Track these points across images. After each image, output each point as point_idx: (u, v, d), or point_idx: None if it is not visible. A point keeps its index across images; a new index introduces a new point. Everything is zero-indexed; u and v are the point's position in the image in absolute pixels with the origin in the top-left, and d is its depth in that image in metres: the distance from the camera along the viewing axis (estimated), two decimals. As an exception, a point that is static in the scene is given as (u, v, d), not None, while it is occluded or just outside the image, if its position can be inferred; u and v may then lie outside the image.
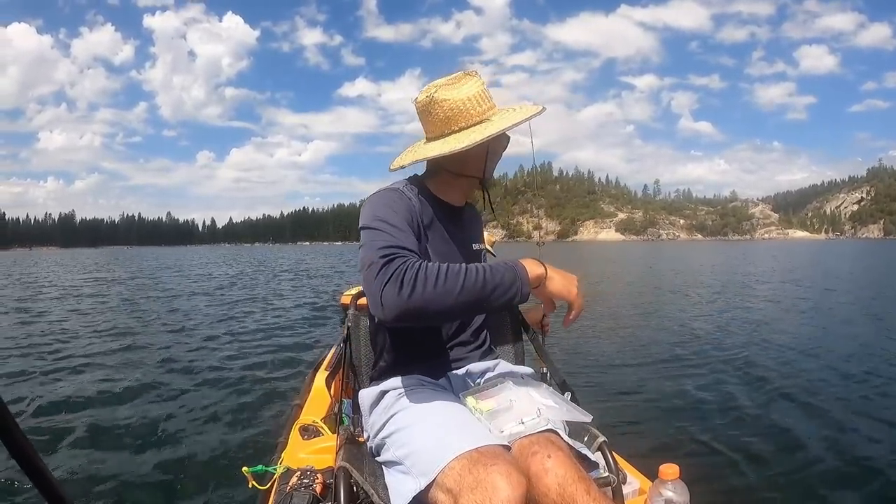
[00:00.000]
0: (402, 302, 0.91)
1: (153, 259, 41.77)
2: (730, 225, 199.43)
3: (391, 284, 0.91)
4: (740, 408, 3.37)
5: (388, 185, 1.19)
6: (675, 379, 4.12)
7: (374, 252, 0.97)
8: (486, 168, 1.22)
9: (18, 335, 6.44)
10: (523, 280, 1.00)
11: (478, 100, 1.14)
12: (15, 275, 21.73)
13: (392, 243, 0.98)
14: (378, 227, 1.03)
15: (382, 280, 0.92)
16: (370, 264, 0.96)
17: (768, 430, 2.98)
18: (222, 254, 61.51)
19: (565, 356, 4.70)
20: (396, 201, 1.10)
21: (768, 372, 4.24)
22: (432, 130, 1.17)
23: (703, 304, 9.18)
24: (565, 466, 0.94)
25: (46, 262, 40.16)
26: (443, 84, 1.14)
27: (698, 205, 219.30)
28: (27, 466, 0.34)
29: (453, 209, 1.26)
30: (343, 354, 1.62)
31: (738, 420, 3.17)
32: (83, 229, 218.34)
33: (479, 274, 0.96)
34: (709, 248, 65.13)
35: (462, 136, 1.12)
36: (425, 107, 1.16)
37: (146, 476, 2.47)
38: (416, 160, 1.18)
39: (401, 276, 0.91)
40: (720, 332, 6.23)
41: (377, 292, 0.92)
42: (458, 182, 1.23)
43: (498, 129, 1.10)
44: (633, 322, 7.19)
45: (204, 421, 3.19)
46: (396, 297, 0.91)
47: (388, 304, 0.91)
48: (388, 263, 0.94)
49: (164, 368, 4.59)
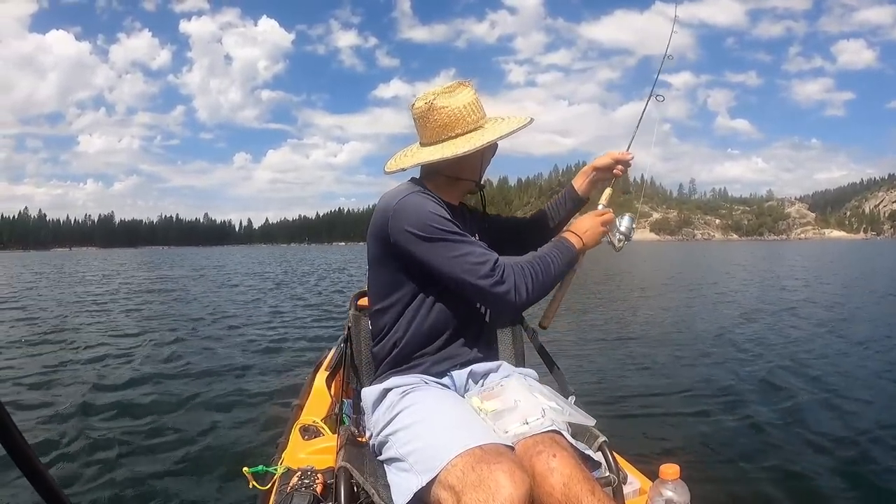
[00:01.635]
0: (526, 303, 1.16)
1: (179, 258, 41.61)
2: (765, 225, 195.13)
3: (520, 290, 1.13)
4: (741, 408, 3.37)
5: (406, 190, 1.20)
6: (676, 379, 4.12)
7: (474, 266, 1.12)
8: (480, 171, 1.30)
9: (11, 336, 6.43)
10: (574, 251, 1.28)
11: (472, 108, 1.22)
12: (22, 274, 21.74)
13: (482, 254, 1.14)
14: (449, 237, 1.13)
15: (511, 288, 1.13)
16: (484, 276, 1.12)
17: (769, 431, 2.98)
18: (256, 254, 61.27)
19: (566, 356, 4.70)
20: (436, 206, 1.16)
21: (769, 372, 4.24)
22: (429, 136, 1.23)
23: (706, 304, 9.18)
24: (570, 466, 0.94)
25: (66, 260, 40.15)
26: (440, 92, 1.21)
27: (734, 204, 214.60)
28: (25, 467, 0.34)
29: (454, 209, 1.29)
30: (343, 354, 1.62)
31: (739, 420, 3.17)
32: (122, 230, 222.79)
33: (560, 259, 1.23)
34: (739, 247, 64.13)
35: (461, 142, 1.19)
36: (423, 113, 1.22)
37: (146, 476, 2.46)
38: (420, 163, 1.22)
39: (515, 284, 1.13)
40: (721, 333, 6.23)
41: (505, 301, 1.13)
42: (453, 185, 1.29)
43: (496, 136, 1.19)
44: (634, 322, 7.19)
45: (204, 421, 3.18)
46: (524, 301, 1.15)
47: (521, 303, 1.15)
48: (500, 275, 1.12)
49: (164, 368, 4.58)
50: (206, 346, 5.63)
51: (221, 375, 4.30)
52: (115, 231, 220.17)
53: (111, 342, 5.94)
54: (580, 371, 4.29)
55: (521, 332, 1.60)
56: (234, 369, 4.51)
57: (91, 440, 2.87)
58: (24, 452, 0.33)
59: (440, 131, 1.21)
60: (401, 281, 1.18)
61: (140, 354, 5.19)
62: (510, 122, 1.24)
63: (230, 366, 4.65)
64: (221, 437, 2.93)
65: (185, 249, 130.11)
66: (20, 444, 0.33)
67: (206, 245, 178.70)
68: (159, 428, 3.08)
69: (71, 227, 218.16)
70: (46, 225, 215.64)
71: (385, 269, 1.20)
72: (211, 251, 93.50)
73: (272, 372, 4.42)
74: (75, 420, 3.19)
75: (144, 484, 2.40)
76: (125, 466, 2.56)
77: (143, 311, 8.84)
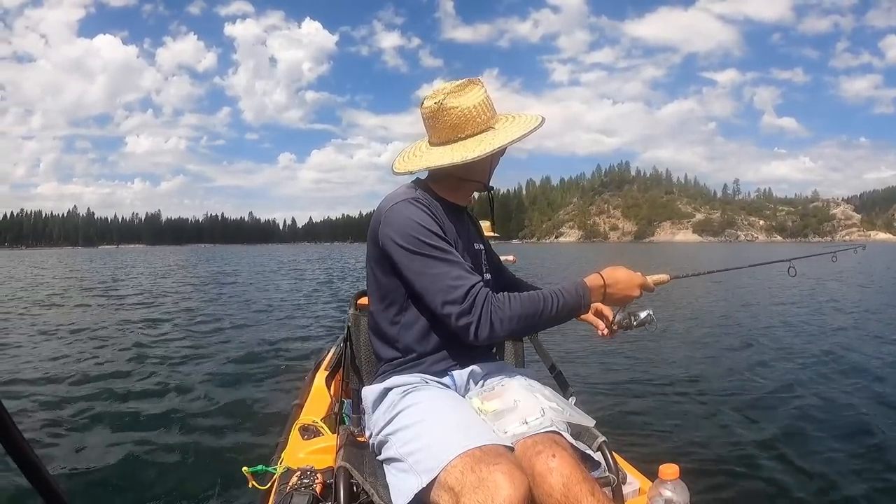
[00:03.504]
0: (496, 336, 1.08)
1: (221, 255, 41.30)
2: (810, 226, 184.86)
3: (483, 325, 1.06)
4: (741, 408, 3.37)
5: (401, 196, 1.18)
6: (676, 378, 4.12)
7: (445, 288, 1.07)
8: (489, 173, 1.27)
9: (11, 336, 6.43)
10: (587, 299, 1.16)
11: (483, 108, 1.18)
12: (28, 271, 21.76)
13: (457, 277, 1.08)
14: (429, 253, 1.09)
15: (474, 321, 1.06)
16: (451, 302, 1.07)
17: (769, 430, 2.98)
18: (296, 251, 60.96)
19: (566, 355, 4.70)
20: (426, 218, 1.13)
21: (769, 372, 4.24)
22: (439, 136, 1.20)
23: (708, 305, 9.18)
24: (570, 466, 0.94)
25: (100, 258, 40.17)
26: (451, 91, 1.17)
27: (778, 205, 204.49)
28: (25, 466, 0.34)
29: (460, 209, 1.29)
30: (343, 354, 1.62)
31: (739, 420, 3.16)
32: (168, 228, 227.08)
33: (553, 303, 1.11)
34: (778, 249, 62.87)
35: (471, 144, 1.16)
36: (433, 113, 1.18)
37: (145, 476, 2.46)
38: (429, 167, 1.19)
39: (489, 316, 1.06)
40: (722, 333, 6.23)
41: (467, 333, 1.07)
42: (461, 186, 1.27)
43: (508, 139, 1.15)
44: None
45: (204, 421, 3.18)
46: (489, 334, 1.07)
47: (482, 339, 1.07)
48: (472, 302, 1.06)
49: (164, 368, 4.57)
50: (207, 347, 5.63)
51: (221, 375, 4.30)
52: (161, 229, 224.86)
53: (111, 342, 5.93)
54: (580, 371, 4.29)
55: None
56: (233, 369, 4.51)
57: (90, 439, 2.87)
58: (23, 452, 0.33)
59: (450, 132, 1.18)
60: (397, 282, 1.18)
61: (139, 354, 5.18)
62: (521, 124, 1.19)
63: (230, 366, 4.65)
64: (221, 437, 2.93)
65: (230, 247, 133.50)
66: (20, 443, 0.33)
67: (251, 243, 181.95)
68: (159, 427, 3.07)
69: (119, 225, 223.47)
70: (94, 223, 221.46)
71: (381, 270, 1.19)
72: (254, 249, 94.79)
73: (272, 372, 4.42)
74: (73, 418, 3.19)
75: (144, 483, 2.40)
76: (124, 466, 2.56)
77: (141, 312, 8.83)
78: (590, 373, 4.29)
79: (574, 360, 4.63)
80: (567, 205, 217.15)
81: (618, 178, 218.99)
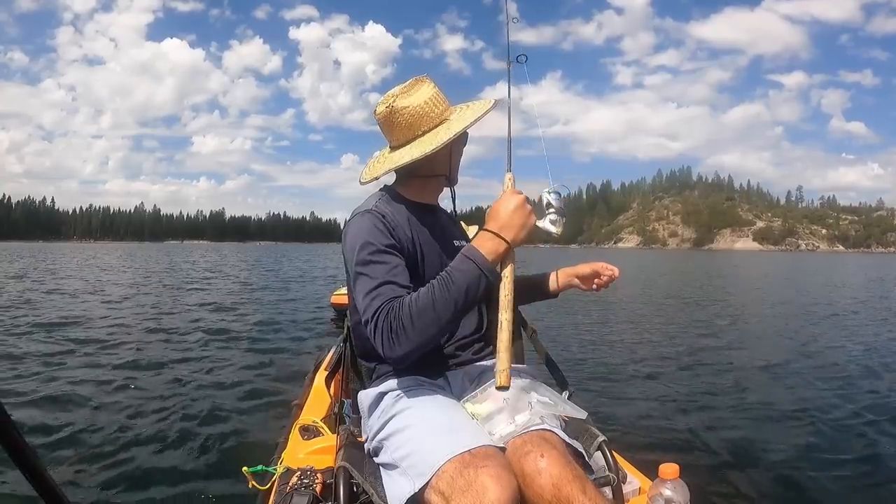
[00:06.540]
0: (401, 354, 1.00)
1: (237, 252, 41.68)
2: (873, 236, 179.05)
3: (386, 345, 1.00)
4: (741, 408, 3.38)
5: (361, 208, 1.20)
6: (676, 378, 4.12)
7: (364, 308, 1.04)
8: (451, 165, 1.27)
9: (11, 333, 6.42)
10: (482, 263, 1.02)
11: (434, 103, 1.20)
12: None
13: (374, 299, 1.03)
14: (360, 270, 1.08)
15: (379, 341, 1.00)
16: (366, 321, 1.03)
17: (769, 430, 2.99)
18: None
19: (566, 355, 4.70)
20: (373, 230, 1.12)
21: (770, 371, 4.24)
22: (397, 138, 1.22)
23: (710, 305, 9.18)
24: (560, 466, 0.93)
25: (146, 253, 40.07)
26: (399, 93, 1.19)
27: (841, 213, 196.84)
28: (25, 467, 0.34)
29: (432, 209, 1.30)
30: (343, 354, 1.62)
31: (739, 420, 3.17)
32: (231, 226, 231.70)
33: (444, 281, 1.00)
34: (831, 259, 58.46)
35: (427, 139, 1.17)
36: (387, 117, 1.21)
37: (145, 476, 2.46)
38: (390, 169, 1.21)
39: (388, 332, 0.99)
40: (722, 333, 6.23)
41: (382, 350, 1.01)
42: (429, 183, 1.28)
43: (461, 126, 1.16)
44: (636, 322, 7.19)
45: (204, 421, 3.18)
46: (392, 352, 1.00)
47: (392, 359, 1.01)
48: (375, 320, 1.01)
49: (164, 368, 4.57)
50: (207, 347, 5.63)
51: (221, 375, 4.30)
52: (225, 226, 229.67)
53: (110, 340, 5.92)
54: (580, 371, 4.29)
55: (519, 330, 1.60)
56: (233, 369, 4.51)
57: (90, 439, 2.87)
58: (23, 452, 0.33)
59: (406, 132, 1.20)
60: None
61: (140, 354, 5.17)
62: (474, 109, 1.21)
63: (229, 366, 4.65)
64: (221, 437, 2.93)
65: (291, 245, 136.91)
66: (19, 443, 0.33)
67: (311, 242, 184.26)
68: (158, 427, 3.07)
69: (184, 222, 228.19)
70: (160, 219, 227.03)
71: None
72: (314, 247, 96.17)
73: (272, 372, 4.42)
74: (74, 419, 3.18)
75: (144, 484, 2.40)
76: (124, 466, 2.56)
77: (145, 311, 8.81)
78: (590, 372, 4.29)
79: (574, 359, 4.64)
80: (627, 210, 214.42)
81: (679, 183, 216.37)
